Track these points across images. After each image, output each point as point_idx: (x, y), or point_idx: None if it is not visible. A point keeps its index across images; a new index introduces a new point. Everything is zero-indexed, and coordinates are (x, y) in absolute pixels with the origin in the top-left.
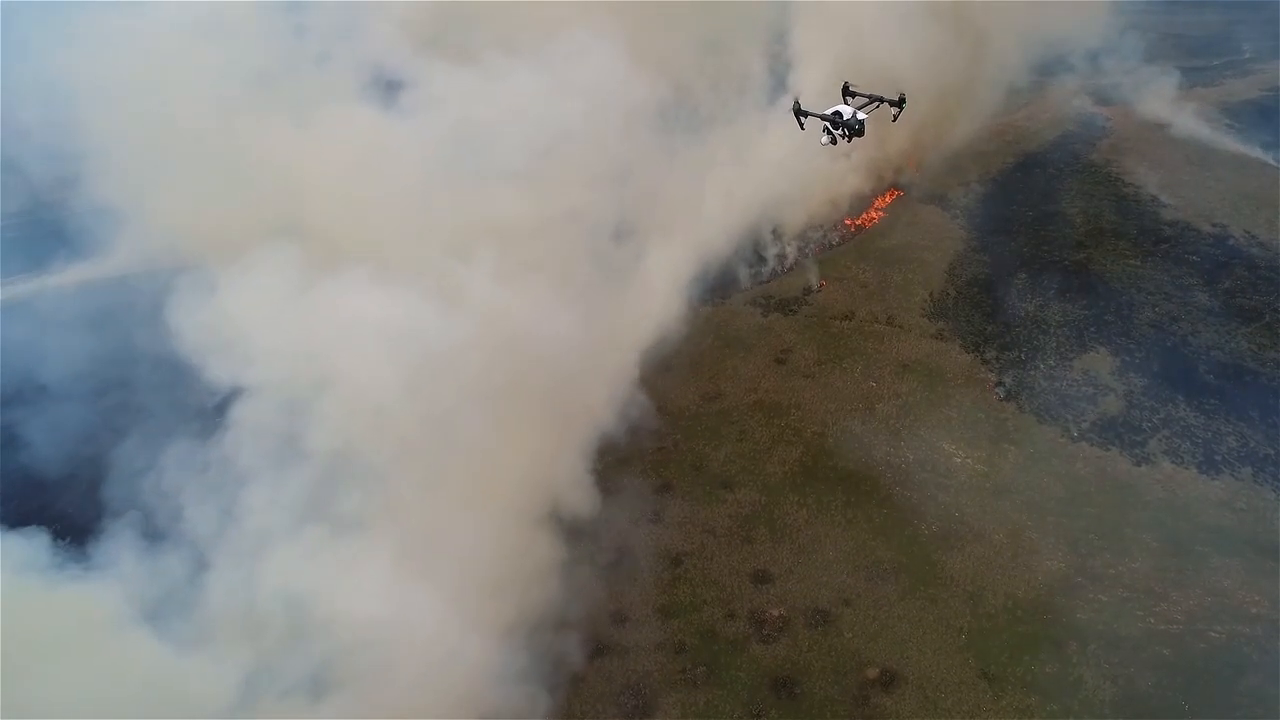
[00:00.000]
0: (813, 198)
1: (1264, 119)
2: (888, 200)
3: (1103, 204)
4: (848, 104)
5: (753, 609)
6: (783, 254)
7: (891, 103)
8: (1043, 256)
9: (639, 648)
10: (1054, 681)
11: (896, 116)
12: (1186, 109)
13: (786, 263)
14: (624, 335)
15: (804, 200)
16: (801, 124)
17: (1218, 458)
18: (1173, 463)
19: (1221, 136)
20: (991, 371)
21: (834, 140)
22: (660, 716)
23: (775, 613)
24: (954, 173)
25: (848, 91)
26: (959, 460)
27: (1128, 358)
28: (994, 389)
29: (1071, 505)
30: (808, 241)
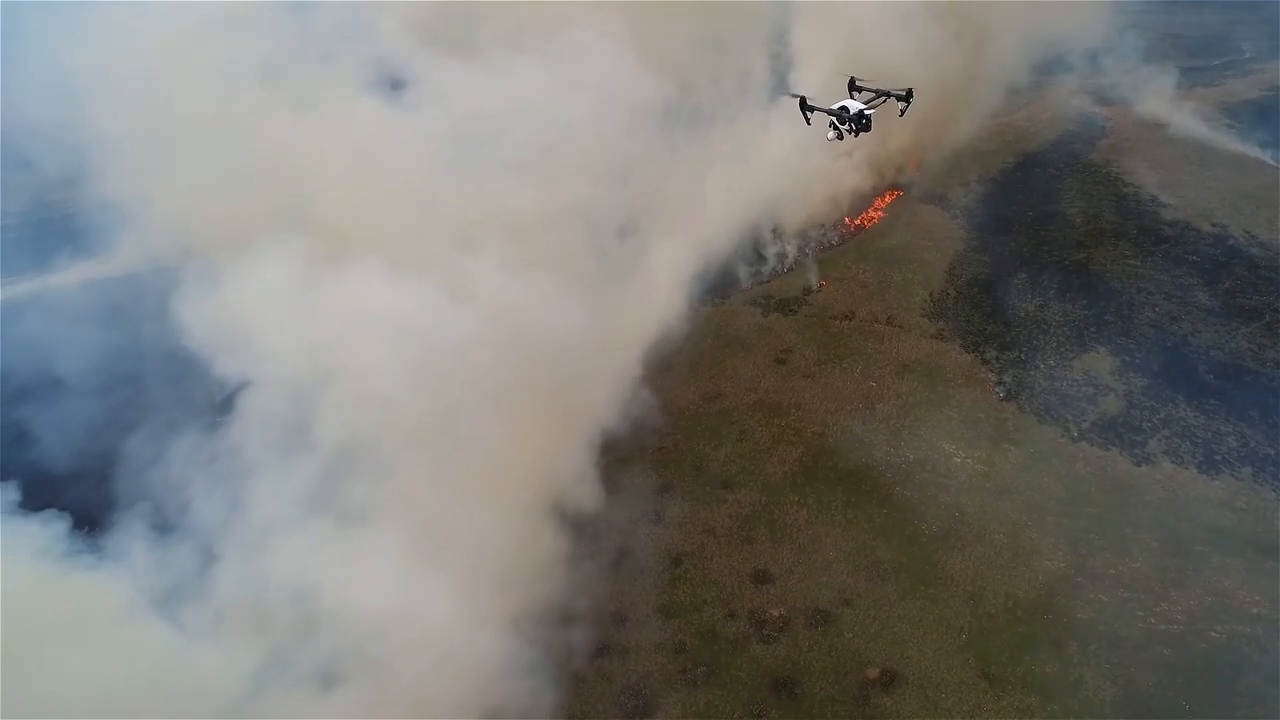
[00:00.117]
0: (813, 197)
1: (1264, 119)
2: (888, 200)
3: (1103, 204)
4: (854, 99)
5: (753, 609)
6: (783, 253)
7: (899, 97)
8: (1043, 256)
9: (639, 648)
10: (1054, 681)
11: (904, 111)
12: (1186, 109)
13: (787, 262)
14: (626, 333)
15: (804, 198)
16: (808, 119)
17: (1218, 458)
18: (1173, 463)
19: (1221, 136)
20: (991, 371)
21: (840, 135)
22: (661, 717)
23: (775, 613)
24: (954, 172)
25: (854, 86)
26: (959, 460)
27: (1128, 358)
28: (994, 389)
29: (1072, 505)
30: (808, 240)
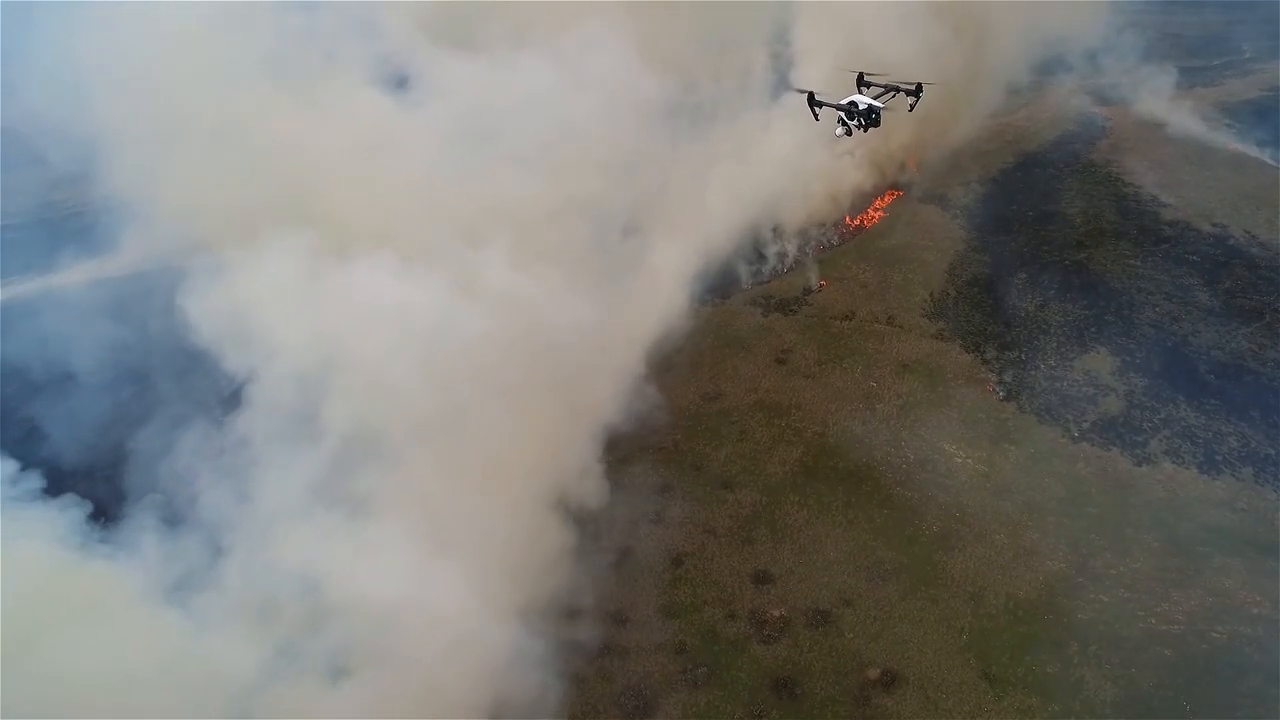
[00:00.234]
0: (814, 195)
1: (1264, 119)
2: (888, 200)
3: (1103, 204)
4: (863, 94)
5: (753, 609)
6: (783, 252)
7: (908, 92)
8: (1043, 256)
9: (640, 648)
10: (1055, 682)
11: (913, 106)
12: (1186, 108)
13: (787, 261)
14: (629, 331)
15: (805, 196)
16: (816, 115)
17: (1218, 458)
18: (1174, 463)
19: (1221, 136)
20: (992, 371)
21: (849, 131)
22: (661, 717)
23: (776, 613)
24: (954, 172)
25: (862, 81)
26: (960, 460)
27: (1128, 358)
28: (994, 389)
29: (1072, 505)
30: (808, 239)
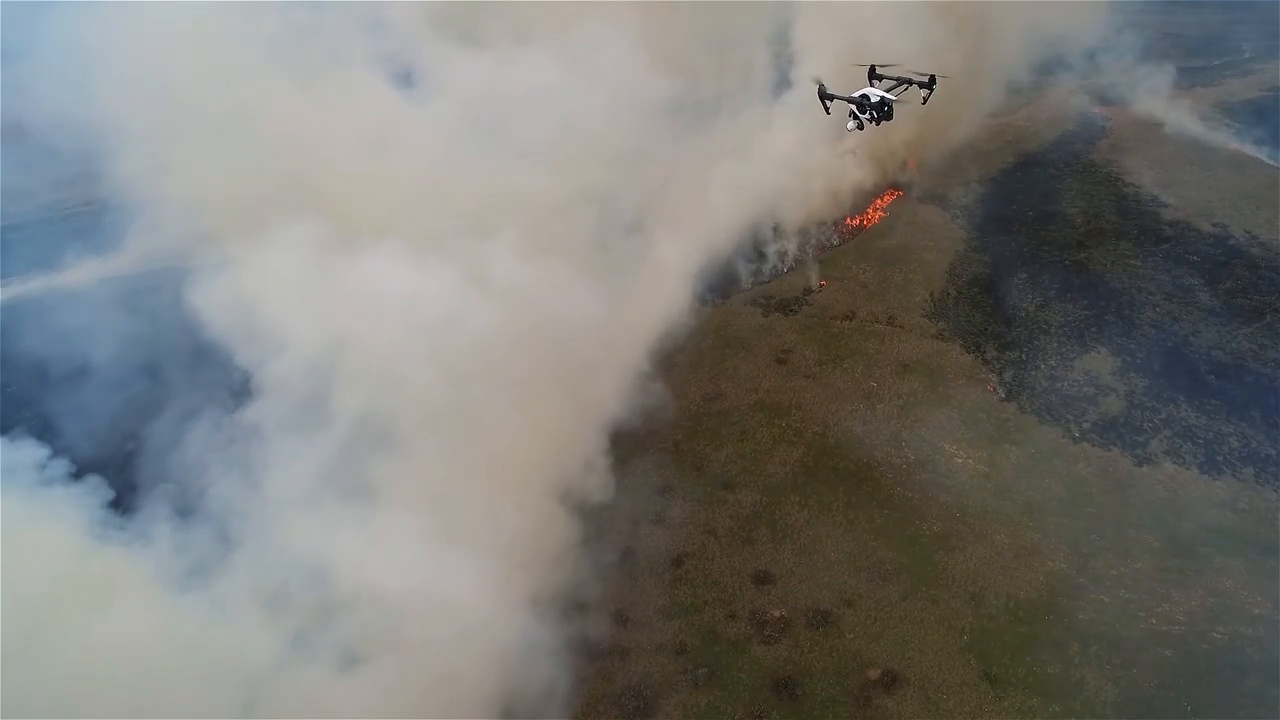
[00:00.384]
0: (815, 192)
1: (1264, 119)
2: (888, 200)
3: (1103, 203)
4: (874, 86)
5: (754, 610)
6: (784, 251)
7: (921, 84)
8: (1043, 256)
9: (640, 648)
10: (1056, 682)
11: (926, 99)
12: (1186, 108)
13: (787, 259)
14: (632, 329)
15: (806, 194)
16: (827, 108)
17: (1219, 458)
18: (1174, 463)
19: (1221, 136)
20: (992, 371)
21: (860, 125)
22: (661, 717)
23: (776, 614)
24: (954, 172)
25: (874, 74)
26: (960, 461)
27: (1129, 358)
28: (995, 389)
29: (1073, 506)
30: (809, 237)
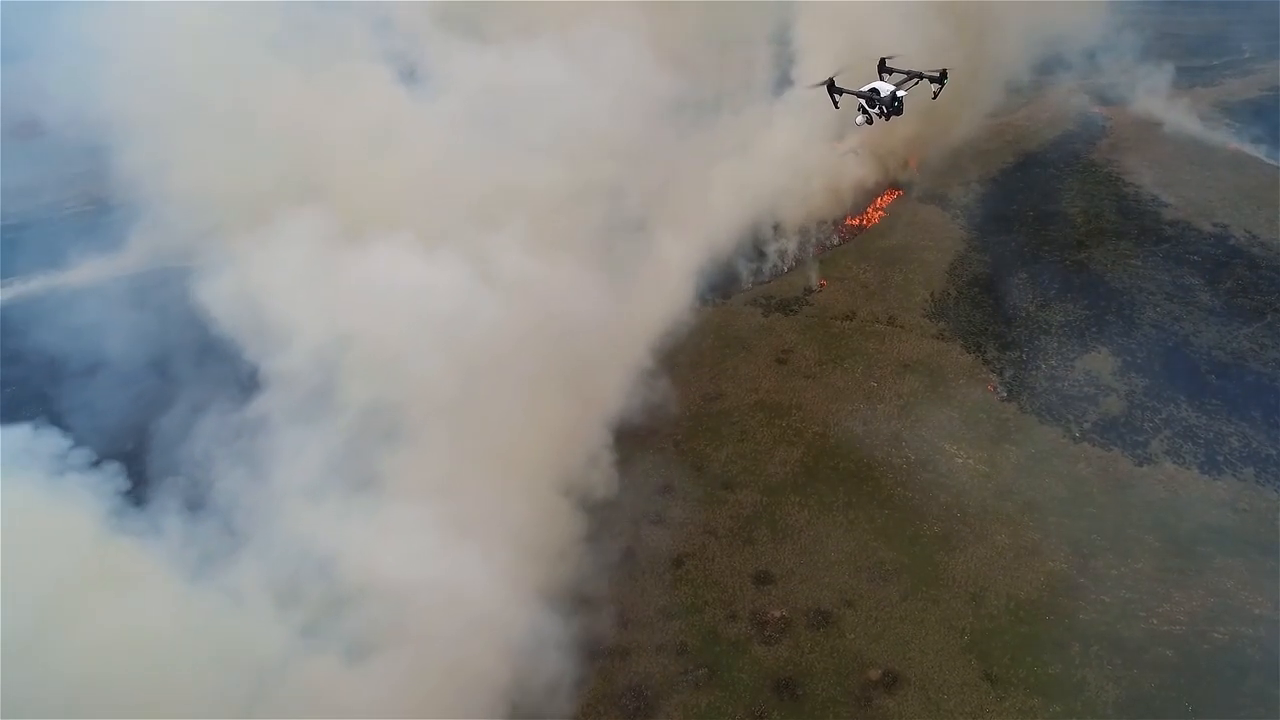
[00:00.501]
0: (816, 190)
1: (1264, 119)
2: (888, 200)
3: (1103, 203)
4: (884, 80)
5: (754, 610)
6: (784, 249)
7: (932, 78)
8: (1043, 256)
9: (641, 648)
10: (1057, 683)
11: (937, 94)
12: (1186, 108)
13: (788, 259)
14: (635, 326)
15: (807, 191)
16: (836, 102)
17: (1220, 458)
18: (1175, 463)
19: (1221, 135)
20: (993, 371)
21: (870, 120)
22: (662, 718)
23: (777, 614)
24: (954, 172)
25: (884, 68)
26: (960, 461)
27: (1129, 358)
28: (995, 389)
29: (1073, 506)
30: (809, 236)
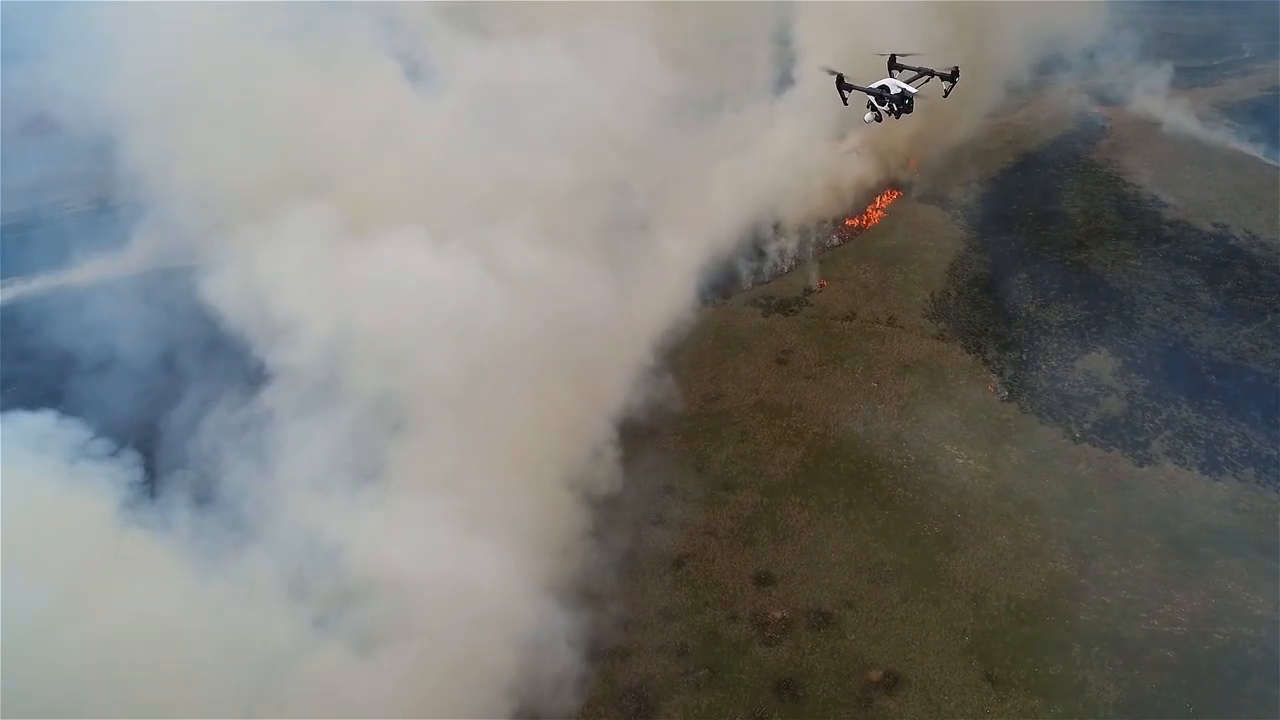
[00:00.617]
0: (817, 189)
1: (1264, 119)
2: (888, 200)
3: (1103, 203)
4: (894, 77)
5: (755, 611)
6: (785, 249)
7: (944, 76)
8: (1043, 256)
9: (641, 650)
10: (1058, 684)
11: (948, 92)
12: (1186, 108)
13: (788, 257)
14: (637, 324)
15: (807, 190)
16: (845, 99)
17: (1220, 459)
18: (1175, 464)
19: (1221, 136)
20: (993, 372)
21: (879, 117)
22: (662, 719)
23: (777, 615)
24: (954, 172)
25: (894, 64)
26: (961, 461)
27: (1129, 358)
28: (995, 389)
29: (1074, 506)
30: (810, 236)
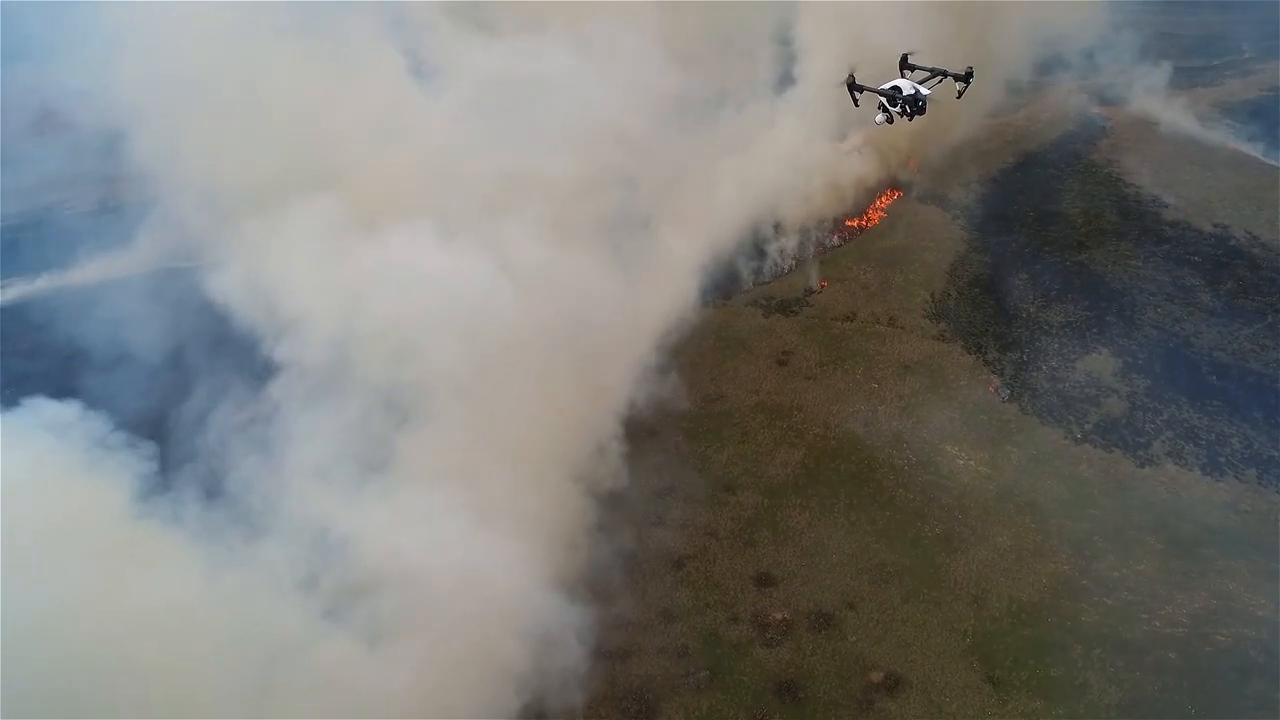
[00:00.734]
0: (818, 188)
1: (1264, 119)
2: (888, 200)
3: (1103, 204)
4: (906, 78)
5: (756, 612)
6: (785, 249)
7: (957, 77)
8: (1044, 257)
9: (642, 651)
10: (1059, 685)
11: (961, 93)
12: (1187, 109)
13: (789, 257)
14: (639, 322)
15: (807, 190)
16: (856, 100)
17: (1222, 459)
18: (1176, 464)
19: (1221, 136)
20: (994, 372)
21: (890, 119)
22: None
23: (778, 616)
24: (954, 172)
25: (906, 64)
26: (962, 462)
27: (1130, 359)
28: (996, 390)
29: (1075, 507)
30: (810, 235)
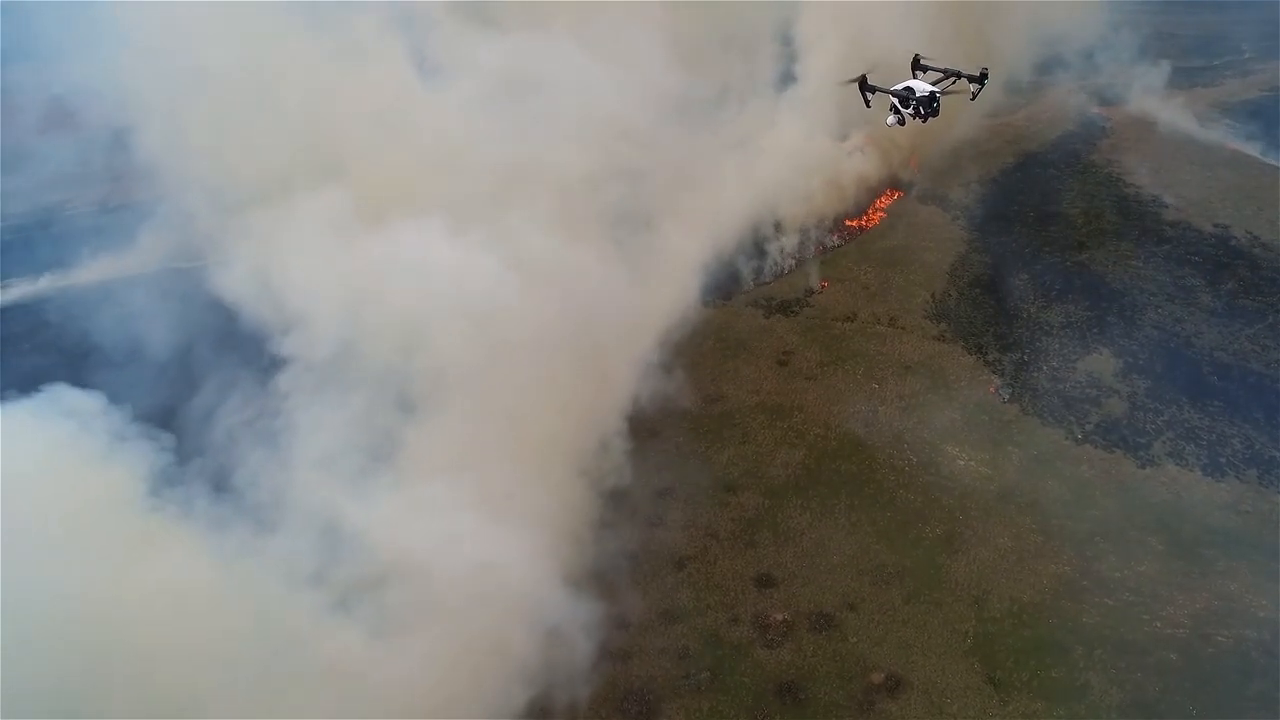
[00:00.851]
0: (819, 187)
1: (1264, 119)
2: (888, 200)
3: (1104, 204)
4: (919, 79)
5: (756, 613)
6: (786, 248)
7: (971, 78)
8: (1044, 257)
9: (642, 652)
10: (1060, 686)
11: (976, 95)
12: (1187, 109)
13: (789, 256)
14: (641, 321)
15: (808, 190)
16: (868, 101)
17: (1223, 460)
18: (1177, 465)
19: (1222, 136)
20: (994, 373)
21: (902, 120)
22: None
23: (779, 617)
24: (954, 172)
25: (918, 65)
26: (963, 463)
27: (1131, 359)
28: (997, 391)
29: (1076, 508)
30: (811, 234)
